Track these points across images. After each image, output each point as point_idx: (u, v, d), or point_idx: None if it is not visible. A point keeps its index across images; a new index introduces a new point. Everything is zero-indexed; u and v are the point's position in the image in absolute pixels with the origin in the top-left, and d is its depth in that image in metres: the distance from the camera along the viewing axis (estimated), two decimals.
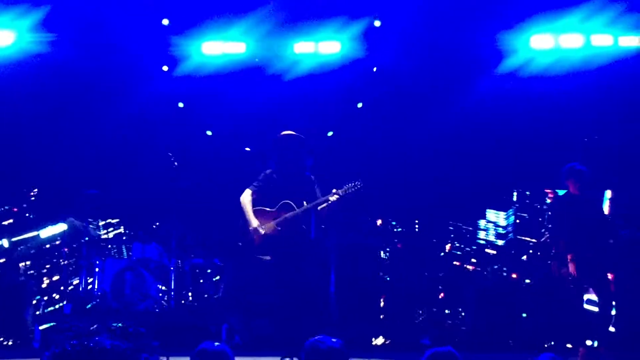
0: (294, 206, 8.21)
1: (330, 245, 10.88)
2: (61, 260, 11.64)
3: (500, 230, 12.53)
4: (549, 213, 11.30)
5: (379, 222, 12.31)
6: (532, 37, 11.35)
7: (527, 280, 11.28)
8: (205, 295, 11.38)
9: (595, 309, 9.12)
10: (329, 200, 8.10)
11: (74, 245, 11.55)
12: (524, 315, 10.53)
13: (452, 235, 12.50)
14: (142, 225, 11.92)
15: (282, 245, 8.22)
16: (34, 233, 11.76)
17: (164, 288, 11.04)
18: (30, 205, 12.41)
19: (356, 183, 8.20)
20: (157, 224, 11.91)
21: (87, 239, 11.27)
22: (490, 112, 11.91)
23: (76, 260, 11.48)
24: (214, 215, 11.88)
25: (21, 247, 11.71)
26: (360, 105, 12.20)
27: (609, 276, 9.30)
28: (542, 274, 10.99)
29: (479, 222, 12.63)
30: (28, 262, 11.68)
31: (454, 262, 12.33)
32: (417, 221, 12.47)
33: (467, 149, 12.07)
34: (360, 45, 11.64)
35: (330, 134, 12.25)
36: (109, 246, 11.68)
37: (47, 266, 11.85)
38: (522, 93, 11.81)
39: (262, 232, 8.21)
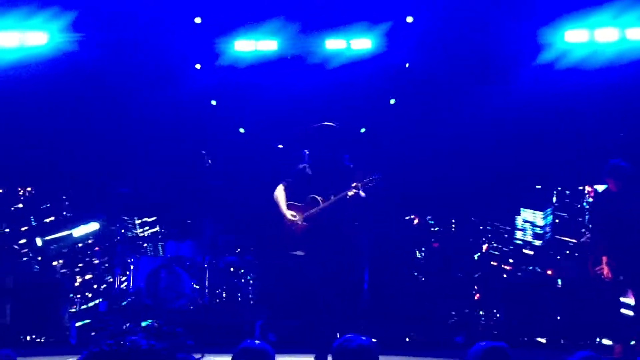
0: (320, 201, 8.10)
1: (363, 241, 10.85)
2: (94, 259, 11.74)
3: (538, 230, 12.36)
4: (589, 211, 11.15)
5: (416, 220, 12.24)
6: (567, 31, 11.22)
7: (559, 280, 11.12)
8: (239, 293, 11.40)
9: (631, 313, 9.00)
10: (347, 194, 7.98)
11: (107, 245, 11.64)
12: (558, 316, 10.44)
13: (489, 235, 12.36)
14: (176, 223, 11.96)
15: (312, 241, 8.14)
16: (67, 232, 11.86)
17: (198, 286, 11.08)
18: (66, 204, 12.49)
19: (374, 176, 8.07)
20: (191, 221, 11.94)
21: (120, 237, 11.36)
22: (525, 108, 11.79)
23: (111, 258, 11.56)
24: (247, 213, 11.89)
25: (54, 245, 11.82)
26: (393, 101, 12.14)
27: None
28: (578, 271, 10.87)
29: (516, 221, 12.47)
30: (61, 261, 11.78)
31: (491, 263, 12.19)
32: (453, 220, 12.36)
33: (503, 145, 11.95)
34: (393, 42, 11.60)
35: (363, 130, 12.21)
36: (144, 244, 11.75)
37: (80, 265, 11.95)
38: (558, 88, 11.67)
39: (299, 222, 8.07)
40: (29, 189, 12.29)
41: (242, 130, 12.60)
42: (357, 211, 8.20)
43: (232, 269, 11.52)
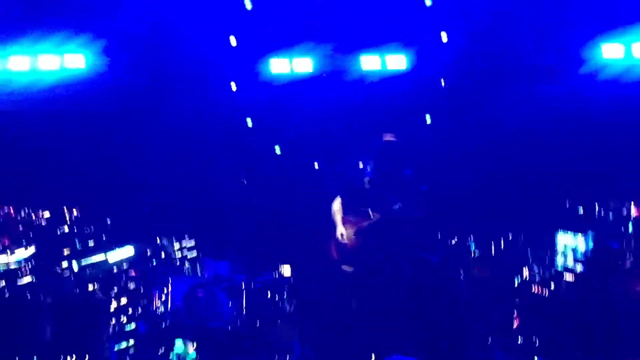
0: (370, 214, 8.06)
1: (404, 260, 10.79)
2: (129, 283, 11.78)
3: (579, 256, 12.17)
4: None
5: (454, 240, 12.12)
6: (604, 45, 11.19)
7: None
8: (277, 311, 11.39)
9: None
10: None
11: (142, 269, 11.65)
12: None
13: (530, 260, 12.18)
14: (214, 242, 11.99)
15: (360, 256, 8.11)
16: (102, 257, 11.88)
17: (236, 305, 11.07)
18: (108, 224, 12.56)
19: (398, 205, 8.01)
20: (229, 240, 11.96)
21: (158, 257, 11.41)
22: (563, 124, 11.72)
23: (148, 279, 11.59)
24: (285, 231, 11.90)
25: (90, 270, 11.84)
26: (429, 118, 12.12)
27: None
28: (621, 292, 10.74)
29: (557, 245, 12.29)
30: (97, 285, 11.82)
31: (532, 289, 12.00)
32: (492, 243, 12.25)
33: (542, 163, 11.87)
34: (427, 59, 11.59)
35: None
36: (182, 264, 11.76)
37: (115, 288, 11.99)
38: (598, 102, 11.60)
39: (345, 240, 8.05)
40: (75, 212, 12.37)
41: (278, 149, 12.63)
42: (402, 232, 8.19)
43: (269, 287, 11.52)
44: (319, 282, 11.10)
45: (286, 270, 11.71)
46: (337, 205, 8.28)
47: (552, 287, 11.84)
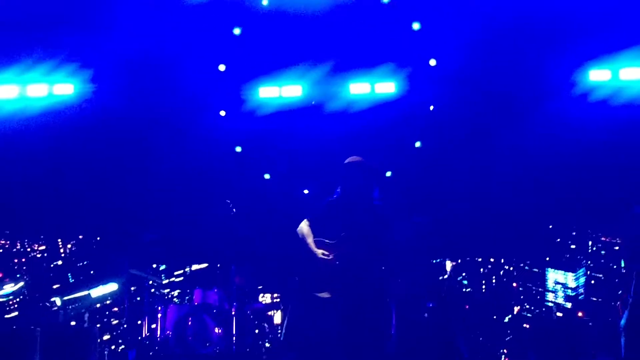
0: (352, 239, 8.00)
1: (392, 287, 10.74)
2: (118, 313, 11.70)
3: (570, 292, 12.14)
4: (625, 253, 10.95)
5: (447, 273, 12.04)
6: (591, 70, 11.26)
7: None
8: (266, 339, 11.32)
9: None
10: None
11: (126, 305, 11.55)
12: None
13: (521, 297, 12.14)
14: (203, 270, 11.94)
15: (341, 282, 8.05)
16: (85, 292, 11.79)
17: (225, 333, 10.99)
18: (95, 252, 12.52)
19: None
20: (217, 268, 11.90)
21: (147, 286, 11.33)
22: (551, 152, 11.75)
23: (139, 308, 11.52)
24: (273, 259, 11.86)
25: (72, 305, 11.74)
26: (419, 144, 12.13)
27: None
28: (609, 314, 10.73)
29: (547, 281, 12.26)
30: (86, 316, 11.72)
31: (524, 325, 11.93)
32: (484, 281, 12.23)
33: (529, 190, 11.88)
34: (416, 85, 11.64)
35: (388, 174, 12.18)
36: (171, 292, 11.69)
37: (104, 319, 11.91)
38: (581, 127, 11.64)
39: (329, 257, 7.98)
40: (69, 245, 12.35)
41: (267, 176, 12.62)
42: (387, 255, 8.13)
43: (259, 315, 11.46)
44: (308, 309, 11.03)
45: (276, 297, 11.67)
46: (304, 226, 8.22)
47: (543, 323, 11.77)
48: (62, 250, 12.40)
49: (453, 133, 12.08)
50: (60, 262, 12.28)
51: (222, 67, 11.98)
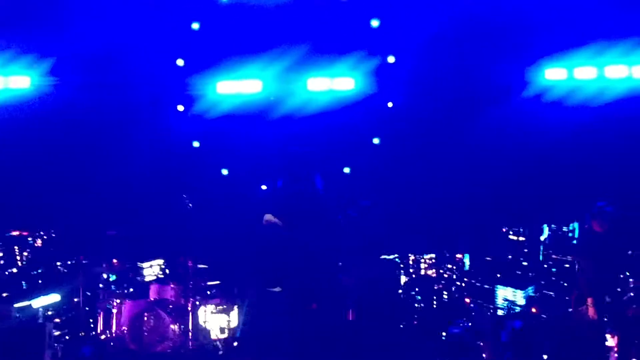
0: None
1: (349, 280, 10.76)
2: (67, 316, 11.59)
3: (517, 310, 12.24)
4: (575, 249, 11.08)
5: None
6: (547, 70, 11.36)
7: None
8: (224, 335, 11.29)
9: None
10: None
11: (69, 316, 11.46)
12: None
13: (472, 313, 12.19)
14: (159, 265, 11.88)
15: (292, 276, 8.06)
16: (27, 303, 11.63)
17: (181, 329, 10.95)
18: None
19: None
20: (174, 264, 11.85)
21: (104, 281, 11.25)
22: (504, 148, 11.85)
23: (93, 303, 11.43)
24: (231, 254, 11.82)
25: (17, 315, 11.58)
26: (377, 140, 12.16)
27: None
28: (561, 310, 10.86)
29: (496, 297, 12.36)
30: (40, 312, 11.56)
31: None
32: (435, 297, 12.28)
33: (487, 192, 11.98)
34: (375, 81, 11.68)
35: (347, 170, 12.21)
36: (127, 288, 11.60)
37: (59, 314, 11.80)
38: (535, 127, 11.75)
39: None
40: (25, 253, 12.26)
41: (225, 171, 12.58)
42: (338, 248, 8.17)
43: (214, 311, 11.42)
44: (270, 304, 11.02)
45: (234, 292, 11.64)
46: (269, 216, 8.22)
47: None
48: (18, 258, 12.30)
49: (411, 130, 12.13)
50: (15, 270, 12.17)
51: (180, 62, 11.91)
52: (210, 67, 11.82)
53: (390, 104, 11.96)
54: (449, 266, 13.02)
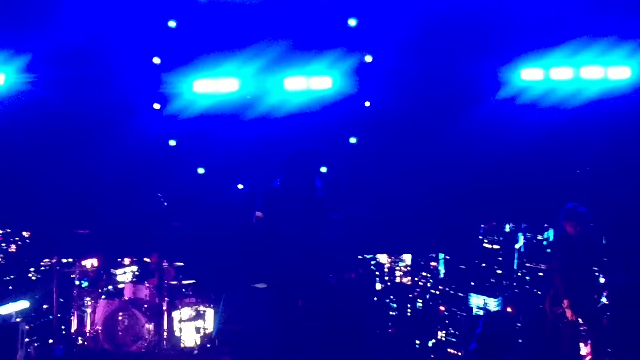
0: None
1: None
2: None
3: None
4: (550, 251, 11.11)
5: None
6: (523, 69, 11.40)
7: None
8: (200, 335, 11.24)
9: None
10: None
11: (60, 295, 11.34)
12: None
13: (446, 321, 12.21)
14: (133, 264, 11.80)
15: (279, 272, 8.00)
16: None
17: (156, 328, 10.87)
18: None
19: None
20: (149, 262, 11.77)
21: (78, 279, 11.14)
22: (479, 148, 11.89)
23: (67, 302, 11.32)
24: (206, 253, 11.80)
25: None
26: (353, 140, 12.15)
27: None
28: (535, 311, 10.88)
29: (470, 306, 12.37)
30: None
31: (449, 350, 11.96)
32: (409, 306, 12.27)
33: (462, 192, 12.01)
34: (352, 81, 11.67)
35: (323, 169, 12.18)
36: (102, 287, 11.50)
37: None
38: (511, 127, 11.79)
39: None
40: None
41: (201, 170, 12.53)
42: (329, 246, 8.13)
43: (190, 309, 11.37)
44: (245, 304, 10.99)
45: (210, 290, 11.59)
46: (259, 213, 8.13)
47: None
48: None
49: (388, 129, 12.14)
50: None
51: (156, 60, 11.83)
52: (186, 65, 11.75)
53: (367, 104, 11.95)
54: (424, 274, 13.04)
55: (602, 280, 9.33)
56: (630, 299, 9.88)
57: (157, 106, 12.07)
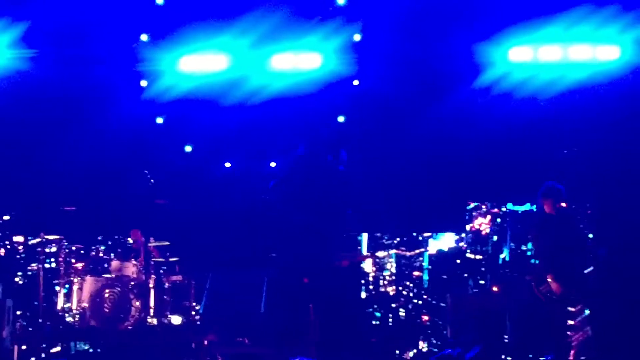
0: None
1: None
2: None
3: None
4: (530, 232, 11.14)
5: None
6: (511, 49, 11.39)
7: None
8: (186, 312, 11.23)
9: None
10: None
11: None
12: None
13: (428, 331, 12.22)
14: (120, 242, 11.75)
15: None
16: None
17: (143, 305, 10.85)
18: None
19: None
20: (135, 241, 11.72)
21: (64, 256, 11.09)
22: (469, 128, 11.90)
23: (55, 279, 11.27)
24: (193, 231, 11.79)
25: None
26: (341, 119, 12.13)
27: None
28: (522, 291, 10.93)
29: None
30: None
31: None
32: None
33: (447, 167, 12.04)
34: (342, 59, 11.64)
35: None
36: (88, 264, 11.44)
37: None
38: (499, 107, 11.82)
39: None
40: None
41: (188, 148, 12.50)
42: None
43: (177, 288, 11.35)
44: (229, 283, 11.01)
45: (195, 269, 11.58)
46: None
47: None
48: None
49: (376, 109, 12.13)
50: None
51: (144, 37, 11.76)
52: (173, 41, 11.68)
53: (355, 82, 11.93)
54: (407, 283, 13.12)
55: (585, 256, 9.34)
56: (614, 271, 9.95)
57: (144, 83, 12.01)
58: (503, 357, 10.17)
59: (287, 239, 8.07)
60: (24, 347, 10.16)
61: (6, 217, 12.57)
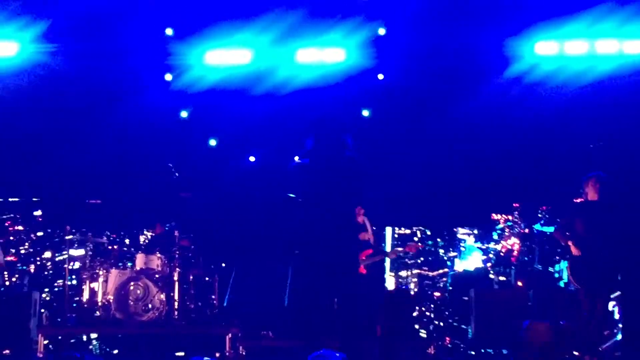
0: None
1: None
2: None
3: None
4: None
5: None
6: (537, 43, 11.30)
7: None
8: (209, 305, 11.28)
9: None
10: None
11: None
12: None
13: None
14: (144, 234, 11.84)
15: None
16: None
17: (167, 298, 10.90)
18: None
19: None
20: (161, 233, 11.79)
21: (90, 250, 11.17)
22: (495, 121, 11.83)
23: (80, 271, 11.37)
24: (217, 225, 11.83)
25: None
26: (366, 112, 12.10)
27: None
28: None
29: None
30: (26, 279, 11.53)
31: None
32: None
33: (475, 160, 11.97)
34: (366, 53, 11.60)
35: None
36: (113, 257, 11.53)
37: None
38: (526, 100, 11.73)
39: None
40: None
41: (213, 142, 12.52)
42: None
43: (201, 281, 11.40)
44: (253, 276, 11.03)
45: (219, 263, 11.63)
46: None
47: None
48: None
49: (401, 103, 12.08)
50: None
51: (169, 31, 11.78)
52: (198, 36, 11.69)
53: (380, 76, 11.89)
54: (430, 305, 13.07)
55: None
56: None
57: (169, 77, 12.05)
58: None
59: (311, 232, 8.04)
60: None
61: (37, 213, 12.69)
